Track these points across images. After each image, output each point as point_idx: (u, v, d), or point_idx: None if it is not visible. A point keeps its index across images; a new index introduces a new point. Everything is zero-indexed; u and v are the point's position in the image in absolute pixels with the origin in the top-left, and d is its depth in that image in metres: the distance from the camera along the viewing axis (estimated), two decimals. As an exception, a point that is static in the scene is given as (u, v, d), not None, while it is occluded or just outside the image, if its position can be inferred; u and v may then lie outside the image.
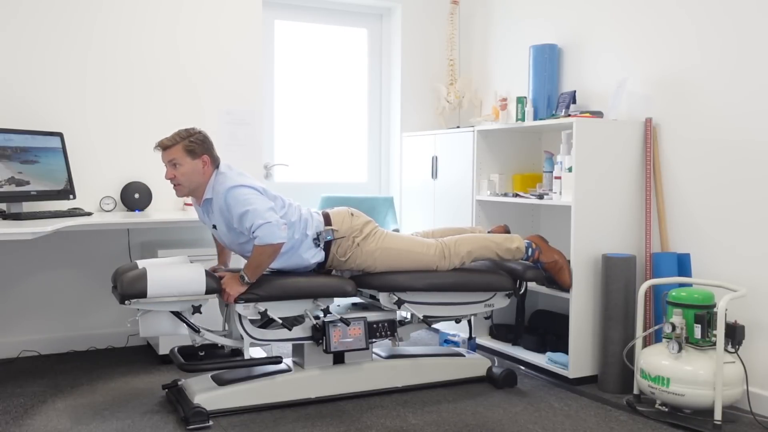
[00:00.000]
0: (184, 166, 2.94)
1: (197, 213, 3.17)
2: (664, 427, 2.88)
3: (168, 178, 2.96)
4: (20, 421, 2.87)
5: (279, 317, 2.98)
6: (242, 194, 2.91)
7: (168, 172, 2.96)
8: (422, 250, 3.20)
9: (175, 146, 2.93)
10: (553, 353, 3.55)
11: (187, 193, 3.01)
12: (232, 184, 2.93)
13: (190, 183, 2.97)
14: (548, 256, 3.36)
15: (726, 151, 3.16)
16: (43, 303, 3.88)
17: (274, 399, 3.03)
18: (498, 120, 4.08)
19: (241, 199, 2.90)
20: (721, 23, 3.18)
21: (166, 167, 2.97)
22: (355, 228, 3.17)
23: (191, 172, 2.95)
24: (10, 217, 3.27)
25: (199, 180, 2.97)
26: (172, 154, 2.93)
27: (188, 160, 2.94)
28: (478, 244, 3.27)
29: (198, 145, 2.96)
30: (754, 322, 3.05)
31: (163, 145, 2.95)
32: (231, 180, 2.95)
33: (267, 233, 2.86)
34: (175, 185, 2.98)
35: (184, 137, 2.95)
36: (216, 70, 4.16)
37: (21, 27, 3.73)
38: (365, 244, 3.15)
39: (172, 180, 2.96)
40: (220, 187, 2.95)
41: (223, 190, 2.93)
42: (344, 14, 4.80)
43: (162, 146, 2.96)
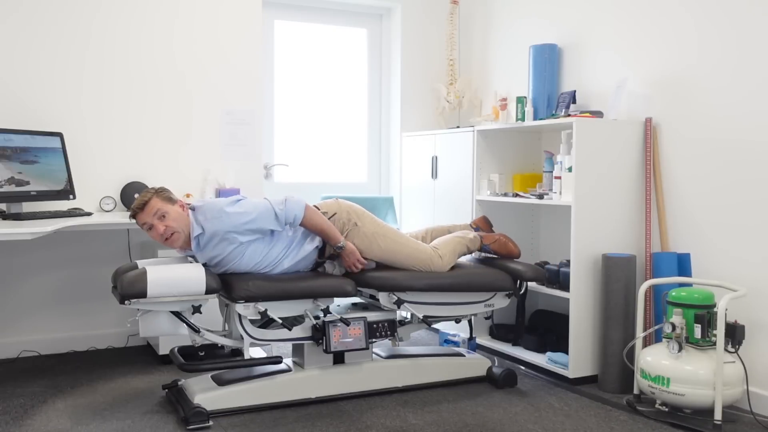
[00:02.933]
0: (170, 212, 2.90)
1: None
2: (664, 427, 2.88)
3: (160, 233, 2.87)
4: (20, 421, 2.87)
5: (279, 317, 2.98)
6: (239, 206, 2.94)
7: (157, 229, 2.87)
8: (417, 246, 3.23)
9: (152, 200, 2.89)
10: (553, 353, 3.55)
11: (185, 240, 2.94)
12: (223, 205, 2.93)
13: (183, 228, 2.92)
14: (490, 237, 3.44)
15: (726, 151, 3.16)
16: (43, 303, 3.88)
17: (274, 399, 3.03)
18: (498, 120, 4.08)
19: (242, 210, 2.92)
20: (721, 23, 3.18)
21: (153, 227, 2.88)
22: (348, 208, 3.21)
23: (179, 217, 2.92)
24: (10, 217, 3.27)
25: (186, 223, 2.93)
26: (153, 208, 2.88)
27: (169, 206, 2.91)
28: (456, 242, 3.34)
29: (169, 192, 2.97)
30: (754, 322, 3.05)
31: (139, 205, 2.89)
32: (217, 204, 2.95)
33: (294, 205, 2.97)
34: (170, 236, 2.90)
35: (154, 192, 2.92)
36: (216, 70, 4.16)
37: (21, 27, 3.73)
38: (364, 225, 3.17)
39: (166, 231, 2.88)
40: (211, 214, 2.91)
41: (217, 215, 2.90)
42: (344, 14, 4.80)
43: (139, 207, 2.89)
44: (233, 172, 4.16)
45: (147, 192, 2.93)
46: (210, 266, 3.00)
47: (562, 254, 3.96)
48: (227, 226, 2.90)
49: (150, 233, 2.92)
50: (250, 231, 2.94)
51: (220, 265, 3.00)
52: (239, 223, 2.91)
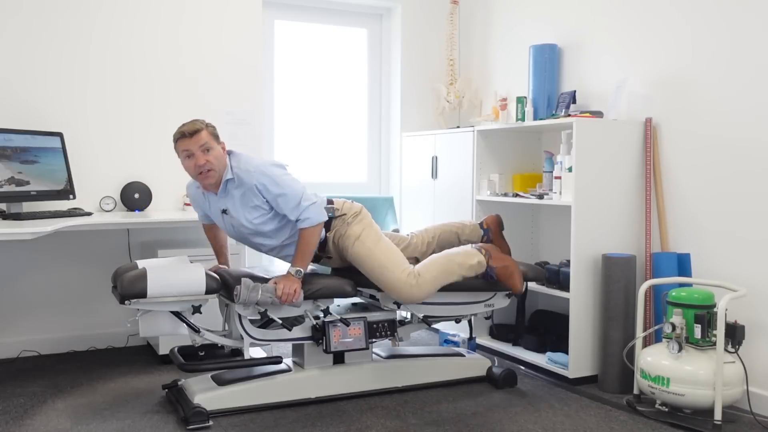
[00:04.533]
0: (214, 149, 2.89)
1: (196, 201, 3.11)
2: (664, 427, 2.88)
3: (200, 164, 2.85)
4: (20, 421, 2.87)
5: (279, 317, 2.98)
6: (277, 175, 2.91)
7: (199, 159, 2.85)
8: (395, 268, 3.02)
9: (203, 131, 2.87)
10: (553, 353, 3.55)
11: (218, 180, 2.92)
12: (262, 163, 2.93)
13: (220, 167, 2.91)
14: (499, 260, 3.19)
15: (726, 151, 3.16)
16: (43, 303, 3.88)
17: (274, 399, 3.03)
18: (498, 120, 4.08)
19: (278, 181, 2.89)
20: (721, 23, 3.18)
21: (194, 156, 2.86)
22: (353, 209, 3.15)
23: (220, 157, 2.91)
24: (10, 217, 3.27)
25: (224, 164, 2.93)
26: (204, 138, 2.86)
27: (215, 144, 2.90)
28: (442, 269, 3.10)
29: (216, 130, 2.96)
30: (754, 322, 3.05)
31: (190, 131, 2.85)
32: (255, 160, 2.95)
33: (315, 213, 2.92)
34: (207, 171, 2.88)
35: (205, 124, 2.91)
36: (216, 70, 4.16)
37: (21, 27, 3.73)
38: (354, 224, 3.10)
39: (205, 165, 2.86)
40: (247, 165, 2.91)
41: (253, 170, 2.89)
42: (344, 14, 4.80)
43: (189, 132, 2.85)
44: (233, 172, 4.15)
45: (197, 121, 2.90)
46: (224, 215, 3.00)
47: (562, 254, 3.96)
48: (258, 183, 2.88)
49: (186, 161, 2.89)
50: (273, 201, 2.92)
51: (229, 217, 2.98)
52: (270, 188, 2.89)
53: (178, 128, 2.91)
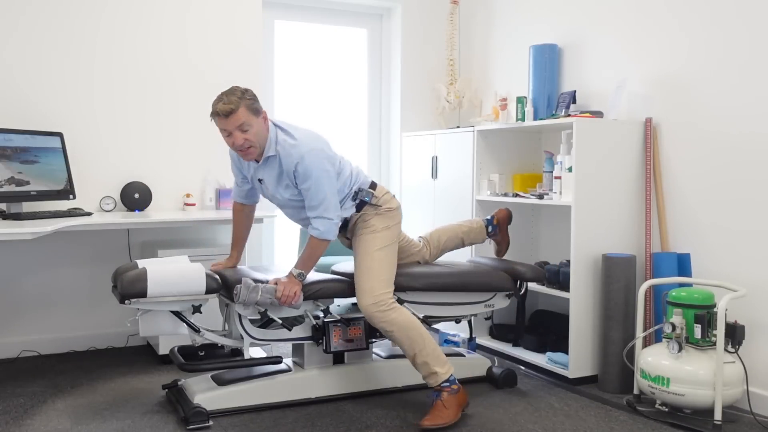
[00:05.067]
0: (253, 126, 2.77)
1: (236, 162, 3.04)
2: (664, 427, 2.88)
3: (239, 144, 2.77)
4: (20, 421, 2.87)
5: (279, 317, 2.98)
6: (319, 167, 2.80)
7: (237, 138, 2.76)
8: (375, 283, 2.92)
9: (240, 109, 2.73)
10: (553, 353, 3.55)
11: (257, 154, 2.85)
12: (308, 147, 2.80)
13: (261, 142, 2.82)
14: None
15: (726, 151, 3.16)
16: (43, 303, 3.88)
17: (274, 399, 3.03)
18: (498, 120, 4.08)
19: (315, 174, 2.79)
20: (721, 23, 3.18)
21: (231, 134, 2.76)
22: (389, 204, 3.07)
23: (260, 131, 2.80)
24: (10, 217, 3.27)
25: (264, 138, 2.83)
26: (240, 118, 2.73)
27: (254, 119, 2.78)
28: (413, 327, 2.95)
29: (256, 102, 2.81)
30: (754, 322, 3.05)
31: (225, 111, 2.72)
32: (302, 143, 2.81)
33: (327, 230, 2.87)
34: (247, 149, 2.80)
35: (241, 97, 2.75)
36: (215, 69, 4.16)
37: (21, 27, 3.73)
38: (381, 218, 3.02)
39: (244, 144, 2.77)
40: (291, 149, 2.80)
41: (297, 153, 2.78)
42: (344, 14, 4.80)
43: (225, 112, 2.72)
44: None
45: (233, 94, 2.75)
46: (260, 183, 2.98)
47: (562, 254, 3.96)
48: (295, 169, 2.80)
49: (227, 138, 2.80)
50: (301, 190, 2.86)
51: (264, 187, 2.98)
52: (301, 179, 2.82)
53: (214, 102, 2.78)
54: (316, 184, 2.82)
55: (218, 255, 3.65)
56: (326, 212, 2.85)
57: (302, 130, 2.91)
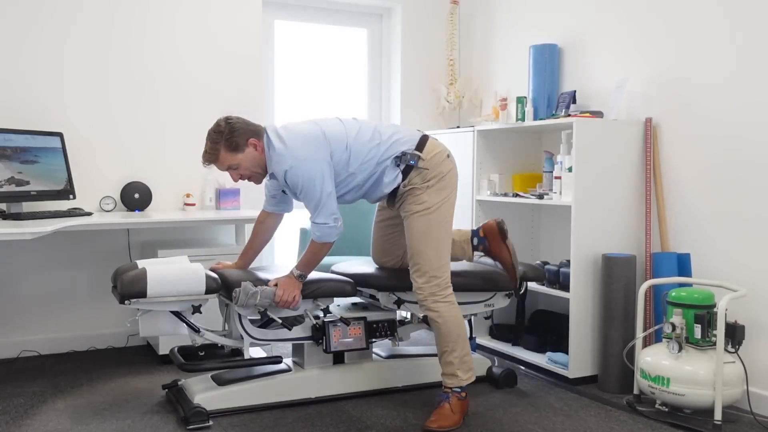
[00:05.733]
0: (241, 162, 2.84)
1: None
2: (664, 427, 2.88)
3: (236, 180, 2.92)
4: (20, 421, 2.87)
5: (279, 317, 2.98)
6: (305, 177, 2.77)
7: (234, 176, 2.90)
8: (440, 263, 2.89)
9: (220, 155, 2.82)
10: (553, 353, 3.55)
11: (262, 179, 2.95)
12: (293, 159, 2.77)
13: (258, 168, 2.88)
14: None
15: (726, 151, 3.16)
16: (43, 303, 3.88)
17: (274, 399, 3.03)
18: (498, 120, 4.08)
19: (302, 183, 2.78)
20: (721, 23, 3.18)
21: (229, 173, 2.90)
22: (440, 167, 2.88)
23: (251, 162, 2.85)
24: (10, 217, 3.27)
25: (262, 160, 2.86)
26: (224, 162, 2.84)
27: (239, 155, 2.83)
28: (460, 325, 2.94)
29: (237, 137, 2.80)
30: (754, 322, 3.05)
31: (210, 160, 2.85)
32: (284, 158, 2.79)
33: (325, 233, 2.83)
34: (248, 179, 2.92)
35: (218, 140, 2.80)
36: (216, 69, 4.16)
37: (21, 26, 3.73)
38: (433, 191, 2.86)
39: (241, 178, 2.90)
40: (276, 166, 2.82)
41: (281, 168, 2.80)
42: (344, 14, 4.80)
43: (210, 161, 2.86)
44: (233, 172, 4.16)
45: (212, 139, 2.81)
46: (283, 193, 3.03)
47: (562, 254, 3.96)
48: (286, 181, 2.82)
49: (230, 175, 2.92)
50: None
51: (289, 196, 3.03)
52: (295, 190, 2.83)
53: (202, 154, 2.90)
54: (305, 193, 2.80)
55: (218, 255, 3.66)
56: (319, 217, 2.82)
57: (296, 134, 2.84)
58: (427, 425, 2.80)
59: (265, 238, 3.18)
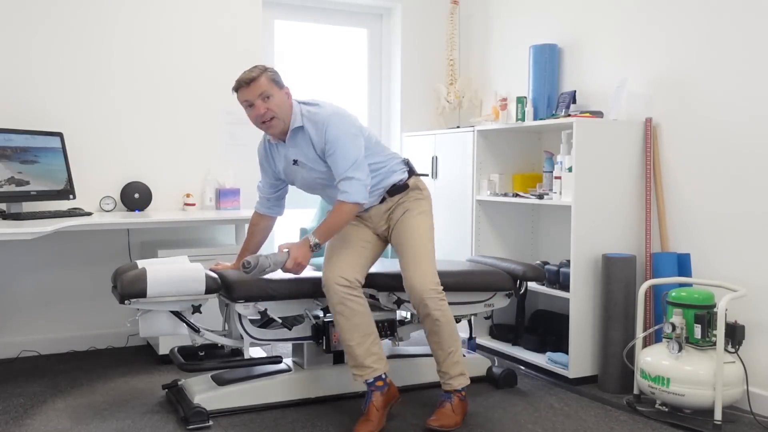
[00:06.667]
0: (275, 96, 2.74)
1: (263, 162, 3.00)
2: (664, 427, 2.88)
3: (260, 113, 2.73)
4: (20, 421, 2.87)
5: (279, 317, 2.98)
6: (345, 127, 2.75)
7: (259, 108, 2.73)
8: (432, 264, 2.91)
9: (261, 77, 2.72)
10: (553, 353, 3.55)
11: (282, 129, 2.80)
12: (334, 110, 2.78)
13: (284, 116, 2.77)
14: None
15: (726, 151, 3.16)
16: (43, 303, 3.88)
17: (274, 399, 3.03)
18: (498, 120, 4.08)
19: (342, 134, 2.74)
20: (721, 23, 3.18)
21: (254, 105, 2.74)
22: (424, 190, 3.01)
23: (283, 104, 2.77)
24: (10, 217, 3.27)
25: (289, 109, 2.79)
26: (261, 87, 2.71)
27: (276, 89, 2.75)
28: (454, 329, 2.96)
29: (278, 76, 2.79)
30: (754, 322, 3.05)
31: (246, 80, 2.72)
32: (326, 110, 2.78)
33: (356, 190, 2.73)
34: (269, 120, 2.76)
35: (263, 70, 2.75)
36: (216, 69, 4.16)
37: (22, 27, 3.73)
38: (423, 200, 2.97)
39: (266, 114, 2.73)
40: (315, 115, 2.77)
41: (322, 119, 2.75)
42: (344, 14, 4.80)
43: (245, 81, 2.72)
44: (233, 172, 4.16)
45: (255, 68, 2.76)
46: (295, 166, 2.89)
47: (562, 254, 3.96)
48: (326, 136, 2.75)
49: (248, 111, 2.78)
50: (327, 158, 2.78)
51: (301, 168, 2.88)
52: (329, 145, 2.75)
53: (237, 78, 2.77)
54: (344, 147, 2.73)
55: (218, 255, 3.66)
56: (355, 172, 2.73)
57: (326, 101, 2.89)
58: (429, 423, 2.80)
59: (260, 238, 3.17)
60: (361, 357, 2.79)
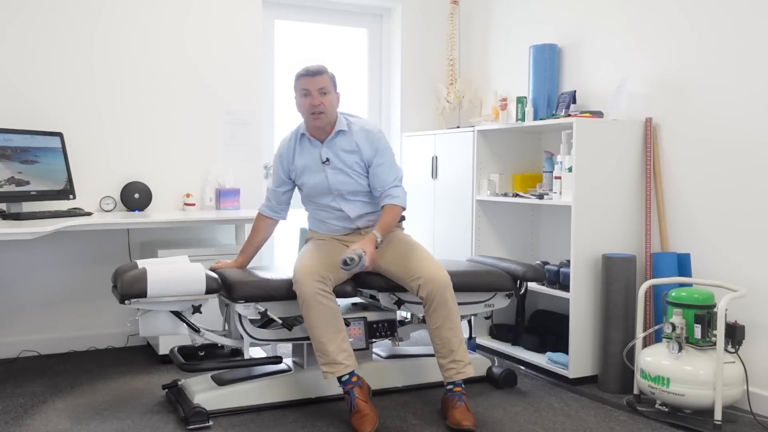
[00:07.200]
0: (330, 94, 3.02)
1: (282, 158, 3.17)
2: (664, 427, 2.88)
3: (315, 104, 2.98)
4: (20, 421, 2.87)
5: (279, 317, 2.98)
6: (389, 145, 3.14)
7: (314, 99, 2.98)
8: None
9: (326, 74, 3.02)
10: (553, 353, 3.55)
11: (324, 126, 3.05)
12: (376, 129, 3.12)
13: (331, 113, 3.03)
14: None
15: (726, 151, 3.16)
16: (43, 303, 3.88)
17: (274, 399, 3.03)
18: (498, 120, 4.08)
19: (390, 149, 3.12)
20: (721, 23, 3.18)
21: (310, 95, 2.98)
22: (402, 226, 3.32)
23: (333, 104, 3.04)
24: (10, 217, 3.27)
25: (334, 113, 3.06)
26: (323, 82, 2.99)
27: (332, 90, 3.04)
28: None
29: (336, 79, 3.09)
30: (754, 322, 3.05)
31: (313, 70, 2.99)
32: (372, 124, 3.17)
33: (403, 197, 3.09)
34: (319, 113, 3.00)
35: (327, 69, 3.04)
36: (216, 69, 4.16)
37: (22, 26, 3.73)
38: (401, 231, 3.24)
39: (319, 107, 2.98)
40: (364, 124, 3.12)
41: (372, 129, 3.10)
42: (344, 14, 4.80)
43: (312, 71, 2.99)
44: (233, 172, 4.16)
45: (321, 65, 3.04)
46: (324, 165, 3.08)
47: (562, 254, 3.96)
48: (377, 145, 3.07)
49: (302, 99, 3.01)
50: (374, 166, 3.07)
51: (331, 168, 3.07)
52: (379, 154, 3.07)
53: (304, 66, 3.03)
54: (391, 161, 3.10)
55: (218, 255, 3.66)
56: (401, 183, 3.11)
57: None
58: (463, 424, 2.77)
59: (264, 235, 3.29)
60: (333, 353, 2.82)
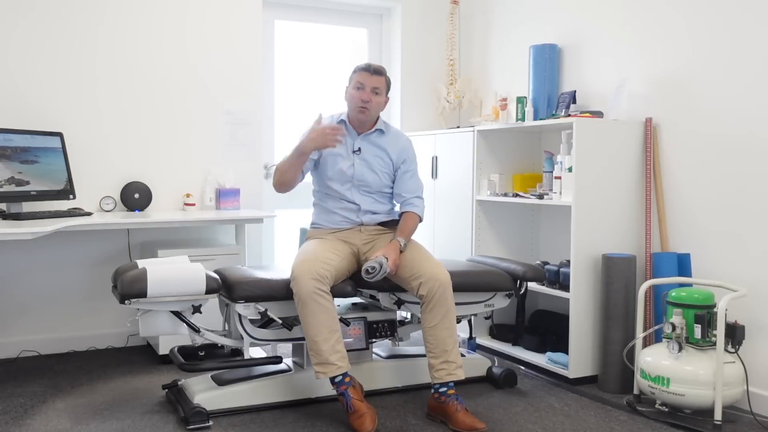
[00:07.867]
0: (381, 96, 3.18)
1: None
2: (664, 427, 2.88)
3: (366, 99, 3.12)
4: (20, 421, 2.87)
5: (279, 317, 2.98)
6: (416, 156, 3.35)
7: (365, 95, 3.12)
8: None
9: (384, 76, 3.19)
10: (553, 353, 3.55)
11: (366, 122, 3.20)
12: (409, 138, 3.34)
13: (375, 112, 3.20)
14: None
15: (726, 151, 3.16)
16: (43, 303, 3.88)
17: (274, 399, 3.03)
18: (498, 120, 4.08)
19: (416, 159, 3.34)
20: (721, 23, 3.18)
21: (363, 89, 3.13)
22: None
23: (380, 105, 3.20)
24: (10, 217, 3.27)
25: (377, 115, 3.24)
26: (379, 82, 3.15)
27: (384, 93, 3.20)
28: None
29: (390, 85, 3.28)
30: (754, 322, 3.05)
31: (375, 69, 3.15)
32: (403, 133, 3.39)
33: (423, 208, 3.27)
34: (366, 108, 3.14)
35: (386, 73, 3.21)
36: (216, 69, 4.16)
37: (21, 26, 3.73)
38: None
39: (368, 103, 3.13)
40: (400, 132, 3.34)
41: (405, 137, 3.32)
42: (344, 14, 4.80)
43: (375, 69, 3.15)
44: (233, 172, 4.15)
45: (383, 68, 3.21)
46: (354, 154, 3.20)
47: (562, 254, 3.96)
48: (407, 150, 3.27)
49: (355, 91, 3.16)
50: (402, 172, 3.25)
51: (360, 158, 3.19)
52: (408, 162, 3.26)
53: (366, 62, 3.23)
54: (416, 171, 3.30)
55: (218, 255, 3.66)
56: (422, 194, 3.29)
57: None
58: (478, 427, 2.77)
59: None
60: (326, 353, 2.82)
